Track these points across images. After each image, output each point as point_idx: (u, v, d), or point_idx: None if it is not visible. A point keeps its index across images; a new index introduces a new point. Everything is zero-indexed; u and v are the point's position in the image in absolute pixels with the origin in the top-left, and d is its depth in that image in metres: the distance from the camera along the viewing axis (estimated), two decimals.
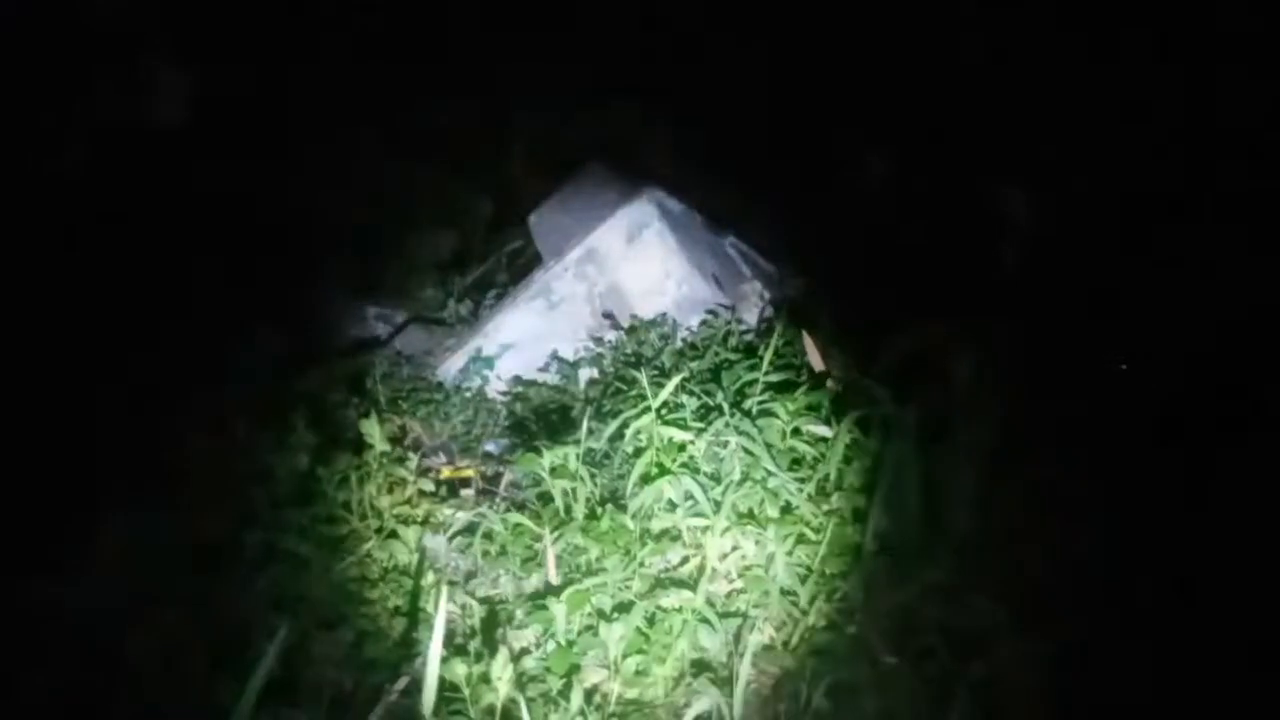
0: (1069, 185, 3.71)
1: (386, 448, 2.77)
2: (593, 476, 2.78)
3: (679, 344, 3.37)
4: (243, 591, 2.38)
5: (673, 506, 2.55)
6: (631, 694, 2.30)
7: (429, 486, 2.83)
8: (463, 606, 2.52)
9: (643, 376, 2.72)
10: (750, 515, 2.55)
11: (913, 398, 2.62)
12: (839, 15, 4.24)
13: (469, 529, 2.73)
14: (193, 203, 3.78)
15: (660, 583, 2.44)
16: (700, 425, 2.70)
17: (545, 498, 2.77)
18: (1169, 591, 2.34)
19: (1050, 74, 3.83)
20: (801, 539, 2.52)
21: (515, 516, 2.69)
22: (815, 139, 4.16)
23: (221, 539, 2.48)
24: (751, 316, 3.51)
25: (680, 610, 2.34)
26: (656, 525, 2.57)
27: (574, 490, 2.71)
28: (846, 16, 4.22)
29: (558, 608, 2.35)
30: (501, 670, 2.12)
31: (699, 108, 4.33)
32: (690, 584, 2.41)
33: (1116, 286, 3.33)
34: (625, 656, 2.31)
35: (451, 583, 2.59)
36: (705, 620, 2.31)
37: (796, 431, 2.69)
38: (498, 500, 2.95)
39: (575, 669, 2.27)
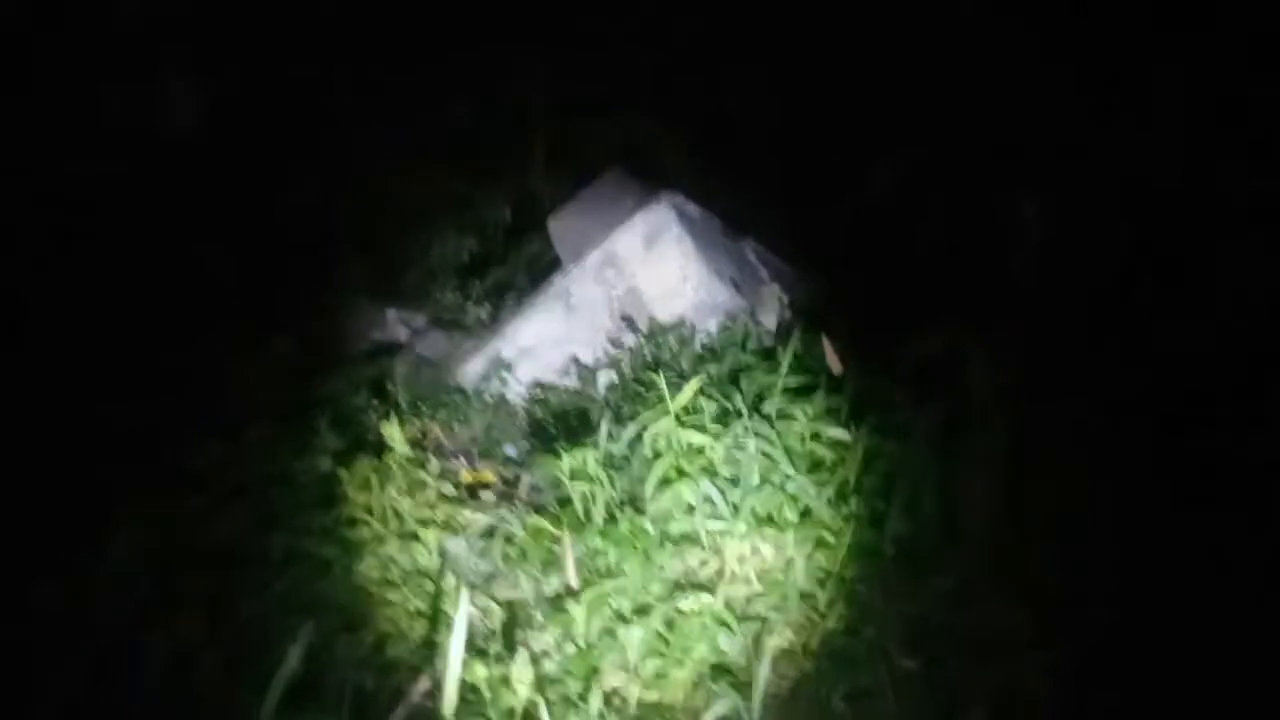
0: (1079, 188, 3.69)
1: (407, 451, 2.80)
2: (612, 480, 2.79)
3: (697, 348, 3.38)
4: (265, 593, 2.41)
5: (691, 510, 2.56)
6: (650, 697, 2.31)
7: (449, 489, 2.85)
8: (483, 609, 2.54)
9: (661, 380, 2.73)
10: (769, 519, 2.55)
11: (931, 401, 2.62)
12: (855, 23, 4.23)
13: (489, 532, 2.74)
14: (212, 206, 3.81)
15: (679, 586, 2.45)
16: (719, 429, 2.71)
17: (564, 501, 2.79)
18: (1189, 596, 2.32)
19: (1057, 79, 3.82)
20: (820, 543, 2.52)
21: (535, 519, 2.71)
22: (833, 143, 4.15)
23: (244, 541, 2.51)
24: (770, 320, 3.51)
25: (699, 614, 2.35)
26: (675, 529, 2.58)
27: (593, 493, 2.73)
28: (863, 24, 4.21)
29: (577, 610, 2.37)
30: (522, 673, 2.14)
31: (718, 113, 4.33)
32: (709, 588, 2.42)
33: (1127, 289, 3.32)
34: (644, 660, 2.32)
35: (472, 585, 2.60)
36: (724, 624, 2.32)
37: (815, 435, 2.69)
38: (517, 503, 2.97)
39: (595, 672, 2.28)
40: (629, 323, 3.50)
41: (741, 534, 2.50)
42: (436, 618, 2.49)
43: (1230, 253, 3.18)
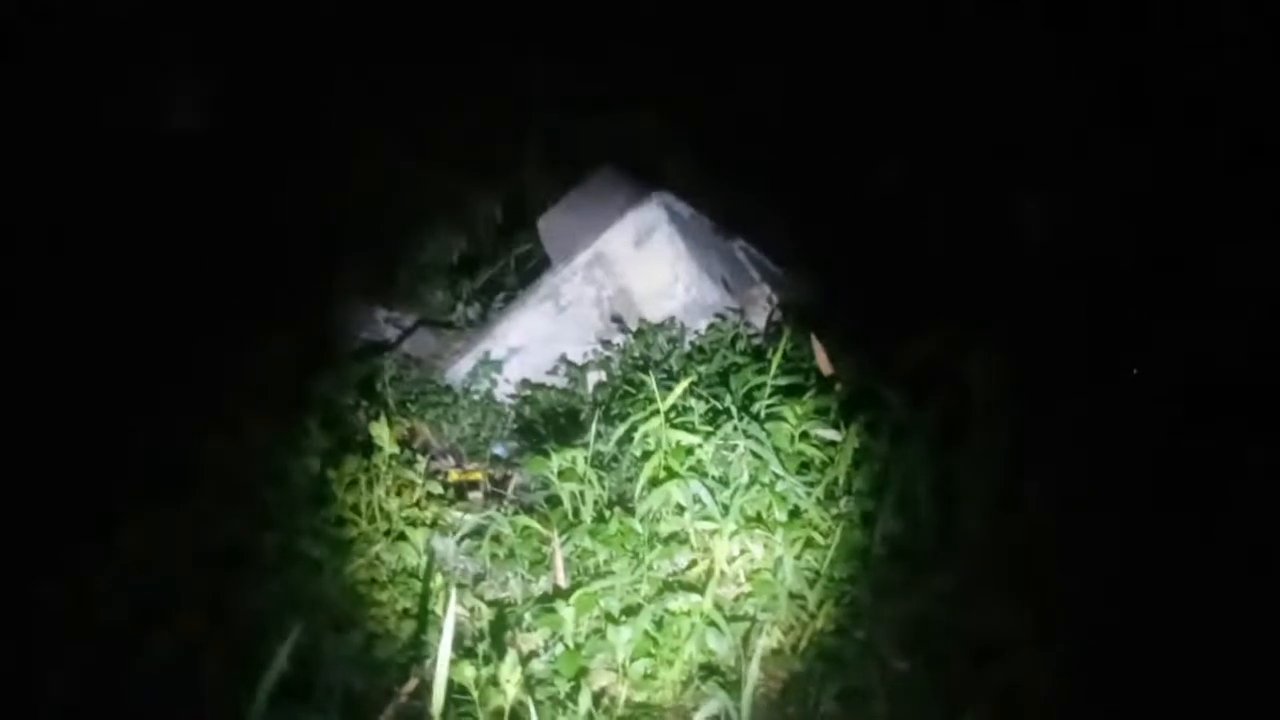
0: (1078, 189, 3.70)
1: (395, 450, 2.79)
2: (601, 480, 2.79)
3: (687, 347, 3.38)
4: (257, 594, 2.39)
5: (681, 510, 2.56)
6: (639, 697, 2.31)
7: (437, 489, 2.84)
8: (471, 609, 2.54)
9: (651, 380, 2.73)
10: (758, 519, 2.55)
11: (923, 402, 2.62)
12: (851, 22, 4.24)
13: (477, 532, 2.74)
14: (204, 206, 3.79)
15: (668, 586, 2.45)
16: (708, 429, 2.71)
17: (553, 500, 2.78)
18: (1186, 595, 2.33)
19: (1055, 80, 3.83)
20: (810, 543, 2.52)
21: (523, 519, 2.70)
22: (825, 143, 4.15)
23: (236, 542, 2.49)
24: (760, 320, 3.51)
25: (688, 614, 2.34)
26: (665, 528, 2.58)
27: (582, 493, 2.72)
28: (859, 24, 4.22)
29: (566, 611, 2.36)
30: (510, 673, 2.12)
31: (709, 112, 4.33)
32: (698, 587, 2.41)
33: (1125, 289, 3.33)
34: (633, 660, 2.31)
35: (460, 585, 2.60)
36: (713, 624, 2.31)
37: (805, 435, 2.69)
38: (506, 503, 2.96)
39: (583, 672, 2.28)
40: (619, 322, 3.50)
41: (731, 534, 2.50)
42: (424, 618, 2.48)
43: (1230, 253, 3.19)
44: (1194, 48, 3.61)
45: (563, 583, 2.52)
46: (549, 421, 3.33)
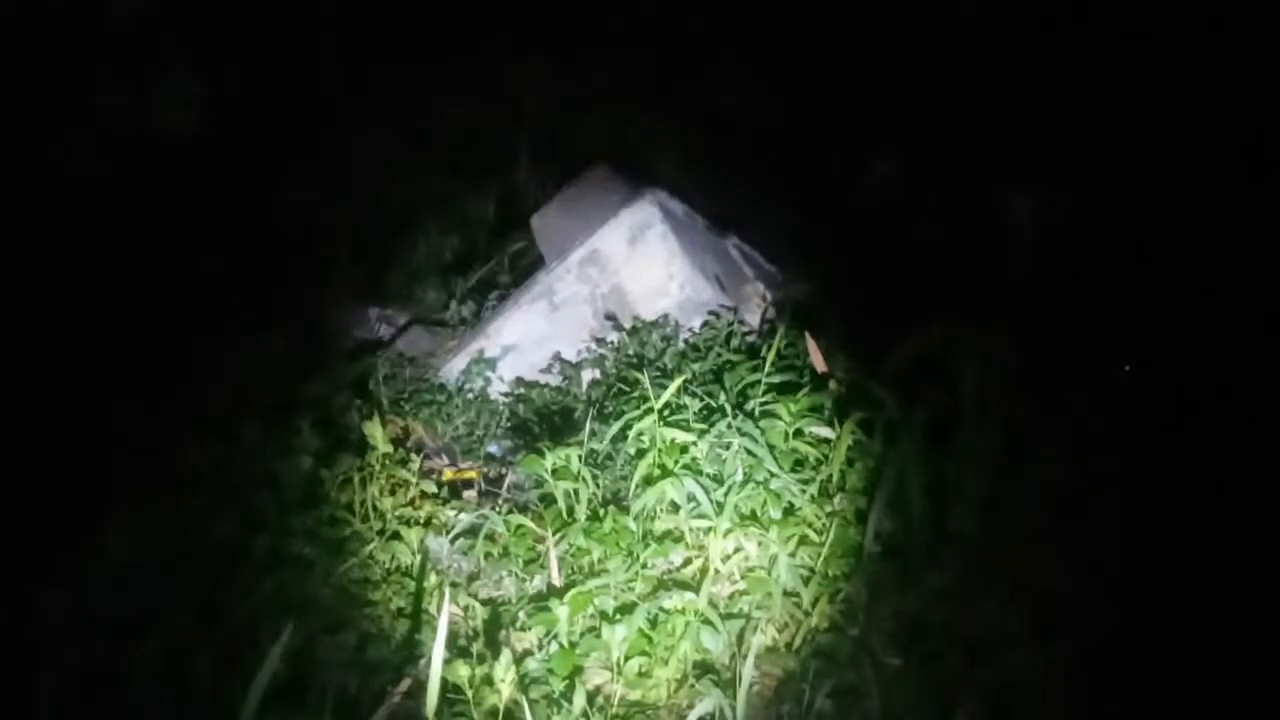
0: (1074, 188, 3.71)
1: (389, 450, 2.78)
2: (595, 478, 2.79)
3: (681, 345, 3.37)
4: (250, 595, 2.39)
5: (675, 508, 2.56)
6: (634, 696, 2.31)
7: (431, 488, 2.84)
8: (465, 608, 2.53)
9: (645, 378, 2.73)
10: (753, 517, 2.55)
11: (917, 400, 2.62)
12: (845, 20, 4.24)
13: (471, 530, 2.73)
14: (198, 205, 3.79)
15: (663, 584, 2.45)
16: (703, 427, 2.71)
17: (548, 499, 2.78)
18: (1178, 594, 2.33)
19: (1055, 78, 3.83)
20: (804, 540, 2.52)
21: (518, 518, 2.70)
22: (819, 141, 4.16)
23: (229, 543, 2.49)
24: (754, 318, 3.51)
25: (683, 612, 2.34)
26: (659, 527, 2.57)
27: (576, 492, 2.72)
28: (852, 21, 4.22)
29: (560, 609, 2.36)
30: (504, 672, 2.13)
31: (703, 109, 4.34)
32: (693, 585, 2.41)
33: (1121, 288, 3.33)
34: (628, 658, 2.31)
35: (454, 584, 2.59)
36: (708, 622, 2.31)
37: (799, 433, 2.69)
38: (500, 502, 2.95)
39: (578, 671, 2.27)
40: (612, 320, 3.49)
41: (725, 532, 2.50)
42: (418, 617, 2.48)
43: (1228, 252, 3.20)
44: (1193, 47, 3.61)
45: (557, 581, 2.52)
46: (543, 420, 3.32)
